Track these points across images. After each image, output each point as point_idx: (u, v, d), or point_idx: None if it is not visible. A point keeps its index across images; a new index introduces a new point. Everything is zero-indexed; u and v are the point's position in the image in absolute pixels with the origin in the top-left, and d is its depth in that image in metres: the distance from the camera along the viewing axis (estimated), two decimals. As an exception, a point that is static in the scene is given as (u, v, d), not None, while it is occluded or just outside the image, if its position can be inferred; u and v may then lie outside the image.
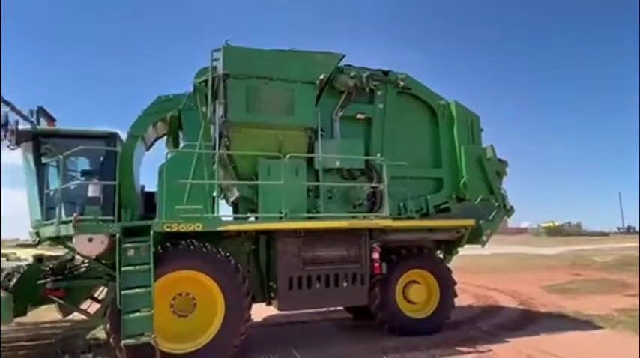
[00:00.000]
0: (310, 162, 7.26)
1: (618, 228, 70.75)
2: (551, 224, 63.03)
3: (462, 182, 8.12)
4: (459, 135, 8.33)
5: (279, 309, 6.79)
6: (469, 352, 6.51)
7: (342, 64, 7.69)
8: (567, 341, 7.04)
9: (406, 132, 8.17)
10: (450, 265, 8.27)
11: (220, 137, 6.93)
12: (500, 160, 8.50)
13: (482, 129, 8.62)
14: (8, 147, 6.60)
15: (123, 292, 5.33)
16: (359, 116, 7.86)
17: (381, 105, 7.96)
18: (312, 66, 7.29)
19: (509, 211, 8.42)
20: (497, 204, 8.25)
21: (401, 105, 8.17)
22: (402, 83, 8.08)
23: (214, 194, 6.89)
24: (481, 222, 7.97)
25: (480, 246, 8.34)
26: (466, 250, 8.97)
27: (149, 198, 7.60)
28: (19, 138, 6.43)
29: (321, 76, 7.27)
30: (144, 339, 5.23)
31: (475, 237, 8.07)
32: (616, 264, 19.94)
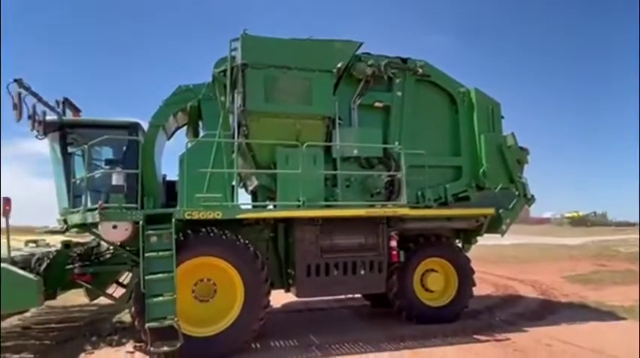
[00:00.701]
0: (328, 150, 7.28)
1: (646, 218, 68.70)
2: (575, 214, 61.64)
3: (481, 170, 8.02)
4: (478, 122, 8.20)
5: (297, 296, 6.90)
6: (487, 340, 6.51)
7: (360, 51, 7.64)
8: (588, 331, 6.97)
9: (425, 120, 8.09)
10: (469, 255, 8.22)
11: (239, 126, 7.01)
12: (521, 148, 8.35)
13: (502, 117, 8.47)
14: (36, 137, 6.83)
15: (146, 277, 5.50)
16: (377, 104, 7.81)
17: (400, 93, 7.89)
18: (329, 54, 7.27)
19: (530, 200, 8.29)
20: (517, 192, 8.13)
21: (419, 93, 8.09)
22: (420, 70, 7.98)
23: (234, 182, 7.00)
24: (501, 210, 7.87)
25: (499, 236, 8.26)
26: (486, 240, 8.89)
27: (170, 187, 7.76)
28: (47, 128, 6.64)
29: (339, 65, 7.25)
30: (167, 323, 5.40)
31: (495, 226, 7.99)
32: (642, 255, 19.47)
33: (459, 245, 8.31)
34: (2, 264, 5.20)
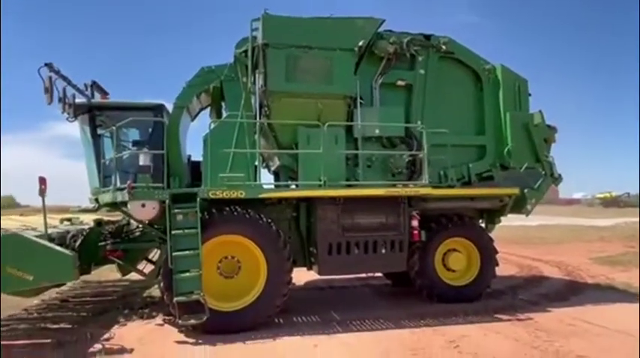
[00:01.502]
0: (349, 130, 7.28)
1: (684, 200, 65.89)
2: (607, 194, 59.56)
3: (506, 149, 7.87)
4: (504, 100, 8.01)
5: (319, 274, 7.03)
6: (509, 319, 6.50)
7: (381, 29, 7.52)
8: (613, 312, 6.86)
9: (448, 99, 7.95)
10: (494, 236, 8.12)
11: (261, 107, 7.07)
12: (548, 126, 8.13)
13: (530, 94, 8.24)
14: (67, 119, 7.07)
15: (174, 254, 5.73)
16: (399, 83, 7.72)
17: (422, 71, 7.76)
18: (351, 32, 7.19)
19: (556, 179, 8.11)
20: (543, 172, 7.96)
21: (443, 71, 7.93)
22: (444, 47, 7.81)
23: (256, 163, 7.11)
24: (526, 190, 7.73)
25: (524, 216, 8.14)
26: (511, 221, 8.73)
27: (195, 167, 7.94)
28: (76, 111, 6.87)
29: (360, 43, 7.17)
30: (194, 297, 5.64)
31: (519, 206, 7.86)
32: (677, 237, 18.78)
33: (482, 225, 8.25)
34: (40, 240, 5.50)
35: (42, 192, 5.71)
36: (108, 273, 9.66)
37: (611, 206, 53.31)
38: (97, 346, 5.49)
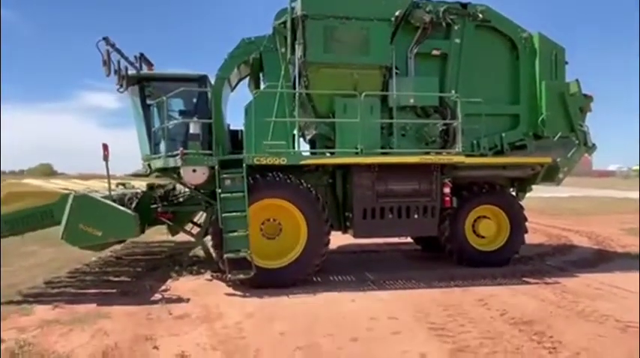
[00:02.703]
0: (385, 100, 7.49)
1: None
2: (644, 166, 57.53)
3: (540, 119, 7.92)
4: (540, 69, 7.99)
5: (354, 236, 7.45)
6: (536, 283, 6.78)
7: (418, -3, 7.57)
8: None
9: (484, 68, 7.98)
10: (526, 206, 8.27)
11: (299, 77, 7.34)
12: (585, 96, 8.09)
13: (566, 63, 8.18)
14: (118, 90, 7.55)
15: (223, 215, 6.23)
16: (434, 52, 7.79)
17: (458, 40, 7.80)
18: (387, 2, 7.29)
19: (590, 148, 8.14)
20: (577, 141, 8.00)
21: (479, 40, 7.93)
22: (481, 16, 7.80)
23: (295, 131, 7.46)
24: (558, 159, 7.83)
25: (556, 187, 8.22)
26: (543, 192, 8.80)
27: (234, 136, 8.39)
28: (128, 82, 7.33)
29: (397, 13, 7.27)
30: (242, 254, 6.17)
31: (551, 175, 7.98)
32: None
33: (513, 193, 8.43)
34: (107, 201, 6.10)
35: (105, 158, 6.27)
36: (153, 235, 10.40)
37: (649, 178, 51.58)
38: (157, 296, 6.14)
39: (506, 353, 4.14)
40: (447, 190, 7.47)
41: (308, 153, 7.89)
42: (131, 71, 7.43)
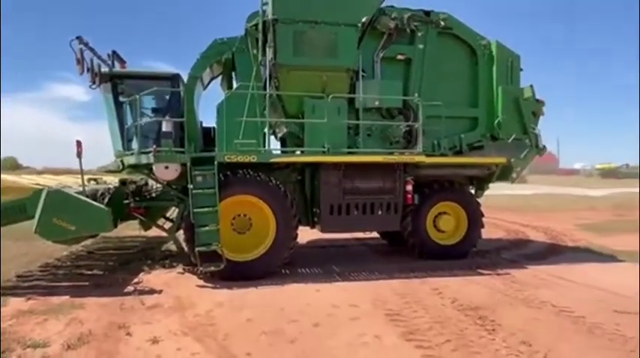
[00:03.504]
0: (352, 101, 7.87)
1: (682, 172, 66.38)
2: (606, 165, 60.16)
3: (496, 121, 8.48)
4: (497, 75, 8.54)
5: (321, 231, 7.83)
6: (489, 274, 7.32)
7: (384, 4, 7.98)
8: (584, 270, 7.65)
9: (445, 72, 8.46)
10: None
11: (270, 78, 7.65)
12: (537, 100, 8.69)
13: (521, 69, 8.76)
14: (90, 86, 7.67)
15: (195, 210, 6.49)
16: (399, 57, 8.23)
17: (421, 46, 8.26)
18: (354, 8, 7.66)
19: (541, 150, 8.76)
20: (529, 143, 8.60)
21: (441, 46, 8.41)
22: (443, 23, 8.28)
23: (265, 130, 7.76)
24: (512, 159, 8.41)
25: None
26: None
27: (206, 133, 8.62)
28: (101, 79, 7.47)
29: (364, 19, 7.66)
30: (213, 248, 6.45)
31: (505, 174, 8.57)
32: (665, 207, 19.56)
33: (472, 191, 8.98)
34: (81, 196, 6.26)
35: (79, 154, 6.42)
36: (124, 230, 10.51)
37: (610, 177, 53.95)
38: (130, 288, 6.36)
39: (451, 334, 4.59)
40: (409, 188, 7.93)
41: (278, 152, 8.23)
42: (104, 69, 7.58)
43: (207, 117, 8.71)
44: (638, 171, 60.80)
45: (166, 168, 6.68)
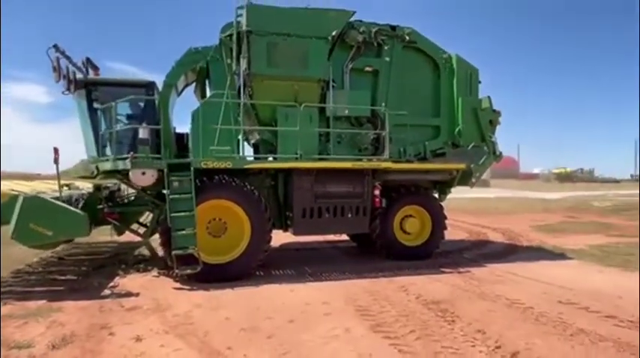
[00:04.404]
0: (322, 110, 8.28)
1: (631, 176, 70.84)
2: (562, 170, 63.46)
3: (457, 130, 9.10)
4: (458, 86, 9.17)
5: (294, 234, 8.16)
6: (450, 272, 7.86)
7: (353, 19, 8.44)
8: (536, 267, 8.32)
9: (410, 84, 9.01)
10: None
11: (244, 87, 7.95)
12: (494, 110, 9.38)
13: (480, 82, 9.43)
14: (62, 92, 7.72)
15: (172, 214, 6.69)
16: (367, 68, 8.73)
17: (388, 59, 8.78)
18: (325, 22, 8.09)
19: (497, 157, 9.45)
20: (487, 150, 9.27)
21: (406, 59, 8.96)
22: (407, 37, 8.84)
23: (239, 137, 8.04)
24: (472, 165, 9.03)
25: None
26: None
27: (179, 139, 8.80)
28: (75, 86, 7.55)
29: (334, 32, 8.10)
30: (189, 251, 6.66)
31: (465, 179, 9.20)
32: (612, 209, 21.05)
33: (436, 195, 9.55)
34: (58, 202, 6.34)
35: (56, 161, 6.50)
36: (95, 236, 10.47)
37: (566, 181, 56.96)
38: (107, 291, 6.48)
39: (415, 325, 5.03)
40: (377, 192, 8.39)
41: (252, 158, 8.52)
42: (78, 76, 7.66)
43: (178, 122, 8.91)
44: (590, 175, 64.62)
45: (143, 173, 6.84)
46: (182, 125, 8.90)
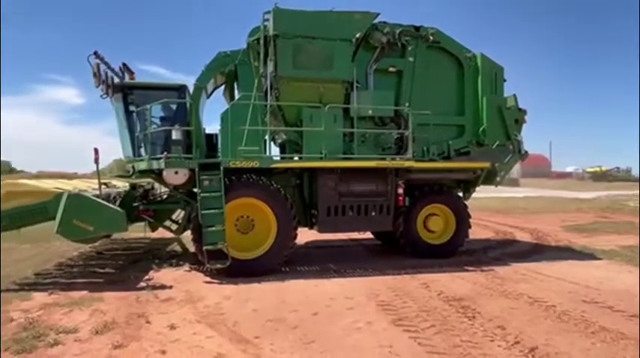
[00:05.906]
0: (347, 111, 8.45)
1: (672, 175, 67.54)
2: (597, 168, 61.16)
3: (481, 129, 9.10)
4: (482, 85, 9.17)
5: (319, 232, 8.39)
6: (474, 270, 7.90)
7: (376, 20, 8.59)
8: (562, 266, 8.24)
9: (434, 83, 9.07)
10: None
11: (271, 89, 8.23)
12: (519, 109, 9.33)
13: (505, 80, 9.40)
14: (100, 96, 8.21)
15: (202, 212, 7.03)
16: (391, 69, 8.85)
17: (411, 59, 8.87)
18: (349, 25, 8.26)
19: (523, 156, 9.39)
20: (512, 149, 9.23)
21: (430, 58, 9.03)
22: (431, 37, 8.90)
23: (266, 137, 8.33)
24: (496, 164, 9.02)
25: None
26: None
27: (209, 139, 9.18)
28: (113, 90, 8.01)
29: (357, 34, 8.26)
30: (219, 246, 6.99)
31: (490, 178, 9.19)
32: (648, 209, 20.28)
33: (460, 194, 9.58)
34: (99, 199, 6.80)
35: (96, 161, 6.96)
36: (129, 232, 10.99)
37: (601, 180, 54.92)
38: (142, 284, 6.89)
39: (435, 320, 5.16)
40: (400, 191, 8.51)
41: (278, 158, 8.79)
42: (116, 80, 8.12)
43: (208, 123, 9.29)
44: (628, 174, 62.03)
45: (176, 173, 7.21)
46: (212, 126, 9.31)
